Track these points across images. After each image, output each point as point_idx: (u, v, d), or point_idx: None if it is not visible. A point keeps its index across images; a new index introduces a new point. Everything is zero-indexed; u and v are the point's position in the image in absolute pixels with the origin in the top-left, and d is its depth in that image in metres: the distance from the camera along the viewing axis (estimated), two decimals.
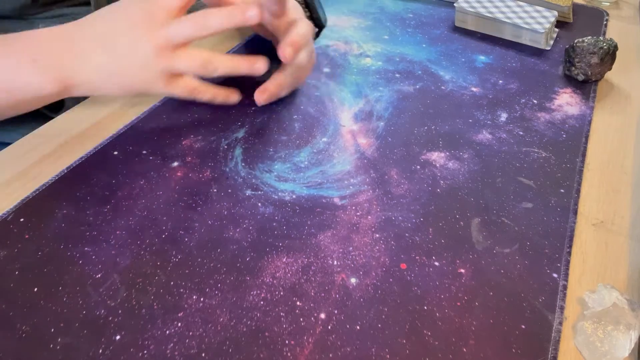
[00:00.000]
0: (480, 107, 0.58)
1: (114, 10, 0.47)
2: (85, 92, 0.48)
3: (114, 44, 0.46)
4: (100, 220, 0.42)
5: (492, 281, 0.39)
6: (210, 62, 0.47)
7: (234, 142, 0.51)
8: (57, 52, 0.45)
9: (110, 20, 0.46)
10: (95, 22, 0.47)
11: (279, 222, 0.43)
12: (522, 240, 0.43)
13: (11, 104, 0.45)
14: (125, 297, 0.37)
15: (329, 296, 0.38)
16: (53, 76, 0.45)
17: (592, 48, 0.60)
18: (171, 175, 0.47)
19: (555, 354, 0.35)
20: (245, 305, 0.37)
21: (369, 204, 0.45)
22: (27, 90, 0.45)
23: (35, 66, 0.44)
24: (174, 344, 0.34)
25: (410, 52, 0.68)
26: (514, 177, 0.49)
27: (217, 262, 0.40)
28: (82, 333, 0.35)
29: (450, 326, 0.36)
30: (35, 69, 0.44)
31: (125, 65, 0.46)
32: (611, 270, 0.41)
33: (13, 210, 0.43)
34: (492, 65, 0.66)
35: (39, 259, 0.39)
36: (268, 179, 0.47)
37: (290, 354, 0.34)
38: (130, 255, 0.40)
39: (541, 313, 0.37)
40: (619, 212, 0.46)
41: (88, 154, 0.49)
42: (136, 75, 0.47)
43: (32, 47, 0.45)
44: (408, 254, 0.41)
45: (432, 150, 0.52)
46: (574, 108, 0.58)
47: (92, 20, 0.47)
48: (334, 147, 0.51)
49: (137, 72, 0.47)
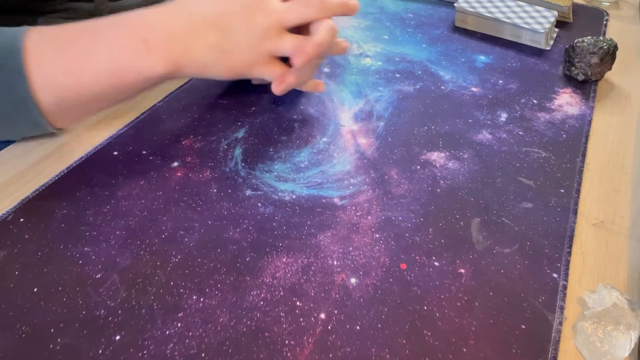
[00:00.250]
0: (480, 107, 0.58)
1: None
2: (194, 73, 0.48)
3: (230, 23, 0.46)
4: (100, 220, 0.42)
5: (492, 281, 0.39)
6: (306, 47, 0.48)
7: (234, 142, 0.51)
8: (168, 32, 0.45)
9: (223, 3, 0.47)
10: (206, 4, 0.47)
11: (279, 222, 0.43)
12: (522, 240, 0.43)
13: (122, 87, 0.45)
14: (125, 297, 0.37)
15: (329, 296, 0.38)
16: (164, 56, 0.45)
17: (592, 48, 0.60)
18: (171, 175, 0.47)
19: (555, 354, 0.35)
20: (245, 306, 0.37)
21: (369, 204, 0.45)
22: (139, 72, 0.45)
23: (147, 47, 0.44)
24: (173, 344, 0.34)
25: (410, 52, 0.68)
26: (514, 177, 0.49)
27: (217, 262, 0.40)
28: (82, 333, 0.35)
29: (450, 326, 0.36)
30: (146, 49, 0.44)
31: (236, 44, 0.47)
32: (611, 270, 0.41)
33: (13, 210, 0.43)
34: (492, 65, 0.66)
35: (39, 259, 0.39)
36: (268, 179, 0.47)
37: (290, 354, 0.34)
38: (130, 256, 0.40)
39: (541, 313, 0.37)
40: (619, 212, 0.46)
41: (88, 154, 0.49)
42: (244, 55, 0.47)
43: (142, 28, 0.45)
44: (408, 254, 0.41)
45: (432, 150, 0.52)
46: (574, 108, 0.58)
47: (201, 1, 0.47)
48: (334, 147, 0.51)
49: (246, 52, 0.47)
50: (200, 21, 0.46)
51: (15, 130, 0.45)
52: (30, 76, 0.42)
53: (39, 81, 0.43)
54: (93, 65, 0.44)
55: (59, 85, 0.44)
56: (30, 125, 0.45)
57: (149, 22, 0.46)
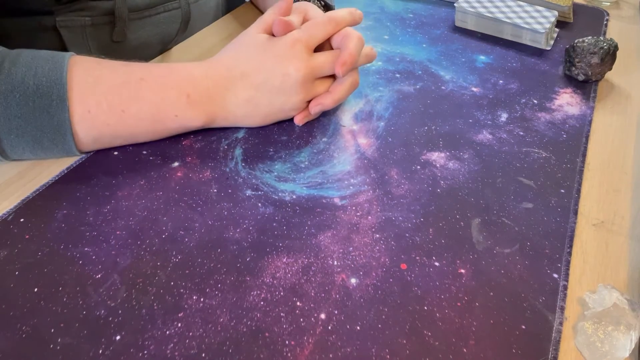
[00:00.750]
0: (480, 107, 0.58)
1: (259, 50, 0.50)
2: (230, 123, 0.52)
3: (264, 79, 0.49)
4: (100, 220, 0.42)
5: (493, 281, 0.39)
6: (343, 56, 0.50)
7: (234, 142, 0.51)
8: (208, 88, 0.49)
9: (258, 60, 0.49)
10: (239, 59, 0.50)
11: (279, 223, 0.43)
12: (523, 241, 0.43)
13: (159, 131, 0.49)
14: (125, 297, 0.37)
15: (329, 296, 0.38)
16: (204, 110, 0.49)
17: (592, 48, 0.60)
18: (171, 176, 0.47)
19: (555, 355, 0.35)
20: (245, 306, 0.37)
21: (369, 204, 0.45)
22: (177, 121, 0.49)
23: (189, 100, 0.48)
24: (174, 344, 0.34)
25: (410, 52, 0.68)
26: (515, 177, 0.49)
27: (217, 263, 0.40)
28: (82, 333, 0.35)
29: (450, 326, 0.36)
30: (188, 102, 0.48)
31: (273, 97, 0.50)
32: (611, 270, 0.41)
33: (13, 211, 0.43)
34: (493, 65, 0.66)
35: (39, 259, 0.39)
36: (268, 179, 0.47)
37: (291, 355, 0.34)
38: (130, 256, 0.40)
39: (541, 313, 0.37)
40: (619, 212, 0.46)
41: (88, 154, 0.49)
42: (281, 106, 0.51)
43: (186, 82, 0.48)
44: (408, 254, 0.41)
45: (432, 151, 0.52)
46: (574, 108, 0.58)
47: (234, 57, 0.50)
48: (334, 147, 0.51)
49: (283, 103, 0.50)
50: (235, 76, 0.49)
51: (44, 153, 0.46)
52: (72, 107, 0.44)
53: (80, 113, 0.45)
54: (137, 109, 0.47)
55: (99, 122, 0.46)
56: (61, 151, 0.46)
57: (192, 76, 0.49)
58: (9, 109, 0.43)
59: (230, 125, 0.52)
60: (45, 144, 0.45)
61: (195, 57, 0.64)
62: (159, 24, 0.66)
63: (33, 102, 0.43)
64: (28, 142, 0.44)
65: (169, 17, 0.67)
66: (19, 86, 0.43)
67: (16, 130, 0.43)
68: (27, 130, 0.44)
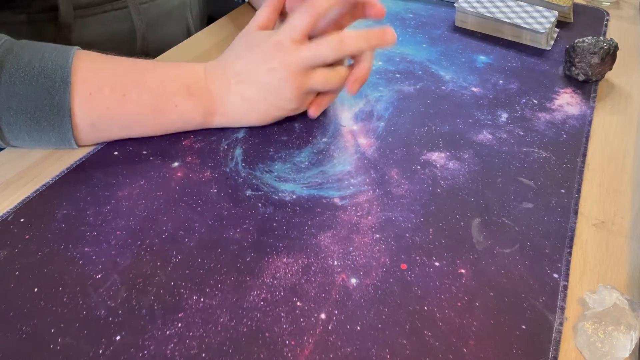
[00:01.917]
0: (480, 107, 0.58)
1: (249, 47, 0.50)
2: (229, 122, 0.52)
3: (255, 76, 0.49)
4: (100, 220, 0.42)
5: (493, 281, 0.39)
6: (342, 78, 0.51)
7: (234, 142, 0.51)
8: (207, 84, 0.50)
9: (247, 57, 0.50)
10: (233, 58, 0.51)
11: (279, 223, 0.43)
12: (523, 241, 0.43)
13: (159, 122, 0.49)
14: (125, 297, 0.37)
15: (329, 296, 0.38)
16: (202, 104, 0.50)
17: (592, 48, 0.60)
18: (171, 176, 0.47)
19: (555, 355, 0.35)
20: (245, 306, 0.37)
21: (369, 204, 0.45)
22: (177, 112, 0.49)
23: (189, 91, 0.49)
24: (174, 344, 0.34)
25: (410, 52, 0.68)
26: (515, 177, 0.49)
27: (218, 263, 0.40)
28: (82, 333, 0.35)
29: (450, 326, 0.36)
30: (188, 93, 0.49)
31: (266, 93, 0.50)
32: (612, 270, 0.41)
33: (13, 211, 0.43)
34: (493, 65, 0.66)
35: (39, 259, 0.39)
36: (268, 179, 0.47)
37: (291, 355, 0.34)
38: (130, 256, 0.40)
39: (542, 313, 0.37)
40: (619, 212, 0.46)
41: (88, 154, 0.49)
42: (277, 102, 0.50)
43: (187, 75, 0.49)
44: (408, 254, 0.41)
45: (432, 151, 0.52)
46: (574, 108, 0.58)
47: (231, 56, 0.51)
48: (334, 148, 0.51)
49: (277, 98, 0.50)
50: (232, 76, 0.50)
51: (40, 136, 0.46)
52: (74, 90, 0.45)
53: (81, 96, 0.45)
54: (137, 94, 0.47)
55: (99, 105, 0.46)
56: (57, 135, 0.46)
57: (194, 72, 0.50)
58: (12, 86, 0.43)
59: (230, 125, 0.52)
60: (42, 125, 0.45)
61: (192, 59, 0.64)
62: (107, 22, 0.65)
63: (36, 82, 0.44)
64: (25, 121, 0.44)
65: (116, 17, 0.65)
66: (25, 67, 0.44)
67: (15, 108, 0.44)
68: (27, 109, 0.44)
